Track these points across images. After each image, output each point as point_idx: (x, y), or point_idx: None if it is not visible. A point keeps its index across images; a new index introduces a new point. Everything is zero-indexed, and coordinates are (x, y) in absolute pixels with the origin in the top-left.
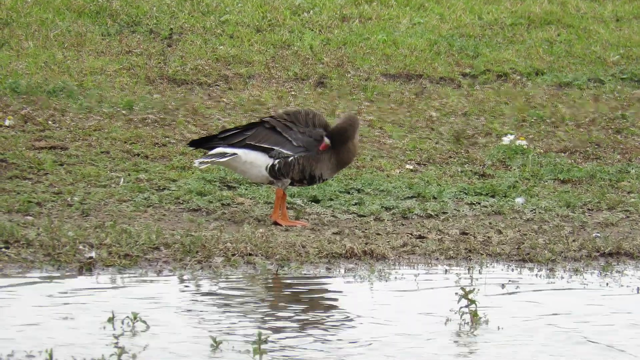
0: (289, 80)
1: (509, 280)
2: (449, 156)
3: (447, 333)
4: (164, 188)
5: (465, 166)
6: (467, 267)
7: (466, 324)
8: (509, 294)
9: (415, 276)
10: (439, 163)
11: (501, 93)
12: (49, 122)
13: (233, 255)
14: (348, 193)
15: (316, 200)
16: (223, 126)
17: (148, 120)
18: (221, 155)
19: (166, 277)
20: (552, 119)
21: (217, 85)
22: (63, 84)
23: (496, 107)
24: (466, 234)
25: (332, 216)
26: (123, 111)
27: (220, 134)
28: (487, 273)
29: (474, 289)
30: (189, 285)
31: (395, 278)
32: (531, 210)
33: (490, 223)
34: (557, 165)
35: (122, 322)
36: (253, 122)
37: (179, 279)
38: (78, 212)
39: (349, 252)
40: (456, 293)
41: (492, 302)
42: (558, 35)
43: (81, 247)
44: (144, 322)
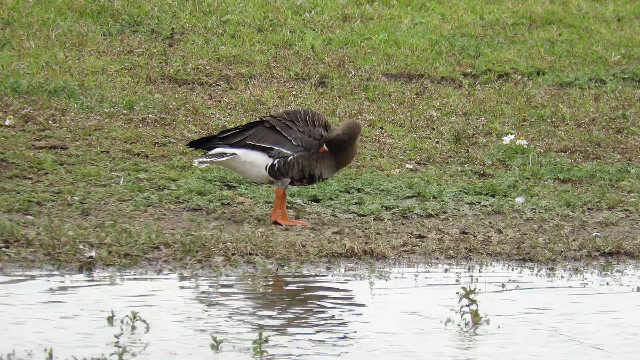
0: (290, 80)
1: (509, 279)
2: (449, 156)
3: (448, 332)
4: (164, 187)
5: (465, 166)
6: (467, 267)
7: (467, 324)
8: (510, 294)
9: (415, 275)
10: (439, 162)
11: (502, 93)
12: (50, 122)
13: (233, 254)
14: (348, 192)
15: (316, 199)
16: (224, 125)
17: (148, 120)
18: (220, 155)
19: (166, 277)
20: (553, 119)
21: (218, 85)
22: (64, 84)
23: (497, 107)
24: (466, 234)
25: (332, 215)
26: (124, 111)
27: (220, 134)
28: (487, 272)
29: (475, 289)
30: (189, 284)
31: (395, 277)
32: (531, 209)
33: (490, 222)
34: (557, 164)
35: (122, 322)
36: (253, 122)
37: (179, 279)
38: (78, 212)
39: (349, 252)
40: (457, 292)
41: (493, 302)
42: (559, 35)
43: (81, 247)
44: (144, 322)
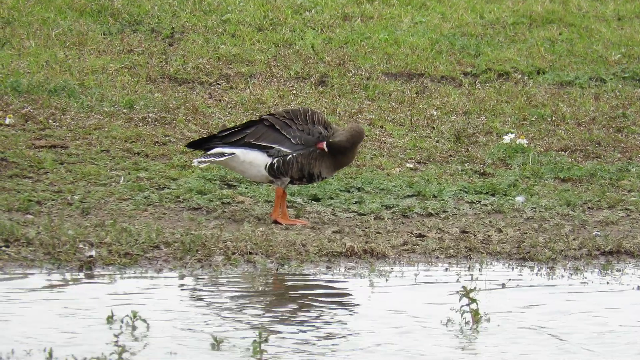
0: (290, 79)
1: (510, 278)
2: (450, 155)
3: (448, 332)
4: (164, 187)
5: (465, 165)
6: (468, 266)
7: (467, 323)
8: (510, 293)
9: (415, 275)
10: (440, 162)
11: (502, 92)
12: (50, 121)
13: (233, 253)
14: (348, 192)
15: (316, 198)
16: (223, 125)
17: (148, 119)
18: (219, 154)
19: (166, 276)
20: (553, 118)
21: (219, 84)
22: (64, 83)
23: (497, 106)
24: (466, 233)
25: (332, 215)
26: (124, 110)
27: (219, 133)
28: (488, 272)
29: (475, 288)
30: (189, 283)
31: (395, 277)
32: (531, 208)
33: (490, 222)
34: (558, 163)
35: (122, 321)
36: (252, 120)
37: (179, 278)
38: (78, 211)
39: (349, 251)
40: (457, 292)
41: (493, 301)
42: (560, 34)
43: (81, 246)
44: (144, 321)
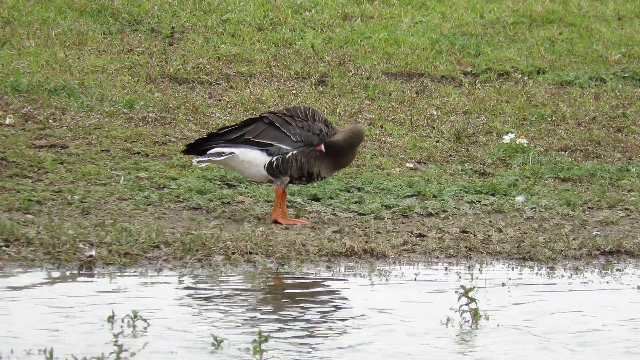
0: (290, 78)
1: (509, 278)
2: (450, 155)
3: (448, 331)
4: (164, 186)
5: (465, 164)
6: (468, 266)
7: (466, 322)
8: (509, 292)
9: (415, 274)
10: (440, 161)
11: (502, 92)
12: (50, 121)
13: (233, 253)
14: (348, 191)
15: (316, 198)
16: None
17: (148, 118)
18: (219, 154)
19: (166, 276)
20: (553, 118)
21: (219, 83)
22: (64, 83)
23: (497, 106)
24: (466, 233)
25: (332, 214)
26: (124, 110)
27: (219, 130)
28: (488, 271)
29: (474, 287)
30: (189, 283)
31: (395, 276)
32: (531, 208)
33: (490, 221)
34: (558, 163)
35: (122, 321)
36: (252, 118)
37: (179, 278)
38: (78, 211)
39: (349, 251)
40: (456, 291)
41: (493, 300)
42: (560, 33)
43: (81, 246)
44: (144, 321)
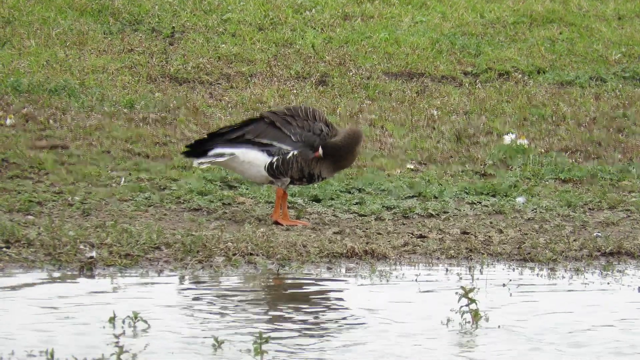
0: (291, 78)
1: (510, 279)
2: (450, 155)
3: (448, 332)
4: (165, 187)
5: (466, 165)
6: (468, 267)
7: (467, 323)
8: (510, 293)
9: (416, 276)
10: (440, 162)
11: (503, 92)
12: (50, 121)
13: (234, 254)
14: (349, 192)
15: (317, 199)
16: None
17: (149, 119)
18: (219, 155)
19: (167, 277)
20: (554, 118)
21: (219, 83)
22: (65, 83)
23: (497, 106)
24: (467, 234)
25: (333, 215)
26: (124, 110)
27: (220, 130)
28: (488, 272)
29: (475, 288)
30: (190, 284)
31: (396, 277)
32: (532, 209)
33: (491, 222)
34: (558, 164)
35: (123, 322)
36: (252, 118)
37: (180, 279)
38: (79, 212)
39: (350, 252)
40: (457, 292)
41: (493, 302)
42: (560, 33)
43: (82, 247)
44: (145, 322)
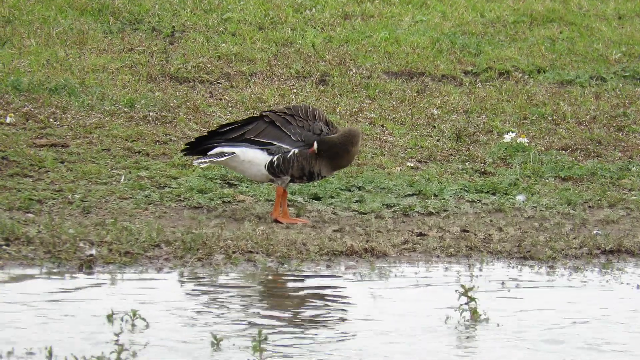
0: (291, 78)
1: (510, 277)
2: (450, 154)
3: (447, 330)
4: (165, 185)
5: (466, 164)
6: (468, 265)
7: (466, 321)
8: (510, 292)
9: (415, 274)
10: (440, 161)
11: (503, 91)
12: (50, 120)
13: (234, 252)
14: (349, 190)
15: (317, 197)
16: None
17: (149, 117)
18: (220, 154)
19: (167, 275)
20: (554, 117)
21: (219, 83)
22: (65, 82)
23: (497, 105)
24: (467, 232)
25: (333, 214)
26: (124, 109)
27: (219, 128)
28: (488, 270)
29: (474, 287)
30: (190, 282)
31: (395, 275)
32: (532, 207)
33: (491, 221)
34: (558, 162)
35: (122, 320)
36: (252, 117)
37: (180, 277)
38: (79, 210)
39: (350, 250)
40: (456, 290)
41: (493, 300)
42: (560, 33)
43: (82, 245)
44: (144, 320)
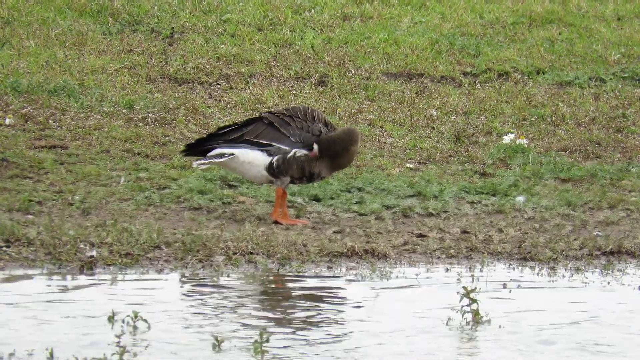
0: (290, 79)
1: (510, 279)
2: (450, 155)
3: (449, 332)
4: (165, 187)
5: (465, 165)
6: (468, 266)
7: (467, 323)
8: (511, 293)
9: (416, 275)
10: (440, 162)
11: (502, 92)
12: (50, 121)
13: (234, 254)
14: (349, 192)
15: (317, 199)
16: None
17: (148, 119)
18: (219, 156)
19: (167, 276)
20: (553, 118)
21: (218, 84)
22: (64, 83)
23: (497, 106)
24: (467, 233)
25: (333, 215)
26: (124, 110)
27: (218, 130)
28: (488, 272)
29: (475, 288)
30: (190, 284)
31: (396, 277)
32: (532, 209)
33: (491, 222)
34: (558, 164)
35: (123, 321)
36: (251, 118)
37: (180, 278)
38: (79, 211)
39: (350, 251)
40: (457, 292)
41: (494, 301)
42: (559, 34)
43: (82, 246)
44: (145, 321)
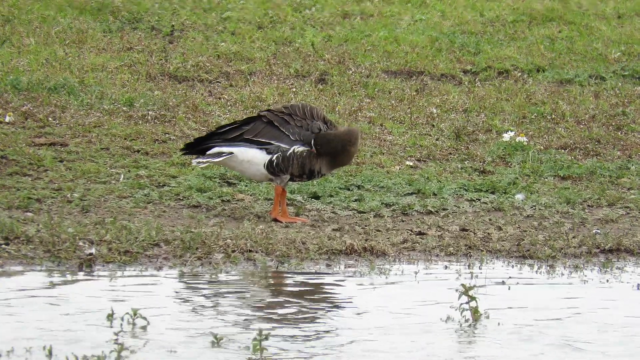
0: (290, 77)
1: (509, 276)
2: (449, 153)
3: (448, 329)
4: (164, 184)
5: (465, 163)
6: (467, 264)
7: (466, 321)
8: (509, 291)
9: (415, 272)
10: (439, 159)
11: (502, 90)
12: (49, 119)
13: (233, 251)
14: (348, 189)
15: (316, 196)
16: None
17: (148, 116)
18: (218, 154)
19: (166, 274)
20: (553, 116)
21: (218, 82)
22: (64, 81)
23: (497, 104)
24: (466, 231)
25: (332, 212)
26: (124, 108)
27: (218, 129)
28: (487, 269)
29: (474, 286)
30: (189, 281)
31: (395, 274)
32: (531, 206)
33: (490, 219)
34: (557, 161)
35: (122, 319)
36: (251, 117)
37: (179, 276)
38: (78, 209)
39: (349, 249)
40: (456, 290)
41: (493, 299)
42: (559, 32)
43: (81, 244)
44: (144, 319)
